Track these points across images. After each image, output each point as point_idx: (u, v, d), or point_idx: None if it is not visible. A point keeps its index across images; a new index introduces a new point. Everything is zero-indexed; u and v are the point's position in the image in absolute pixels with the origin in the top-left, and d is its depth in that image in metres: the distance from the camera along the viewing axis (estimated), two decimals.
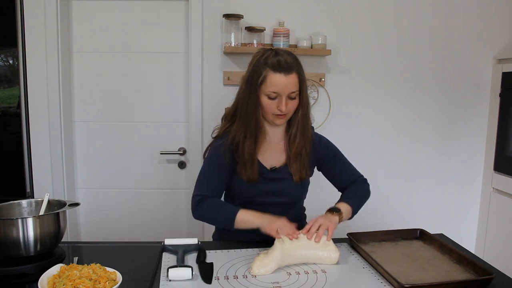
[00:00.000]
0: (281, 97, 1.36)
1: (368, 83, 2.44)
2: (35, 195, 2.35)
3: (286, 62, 1.35)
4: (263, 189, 1.47)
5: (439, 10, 2.42)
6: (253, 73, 1.39)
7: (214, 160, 1.46)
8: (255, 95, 1.38)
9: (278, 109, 1.37)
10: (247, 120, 1.41)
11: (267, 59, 1.36)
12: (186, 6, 2.35)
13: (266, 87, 1.36)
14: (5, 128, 2.42)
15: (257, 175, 1.44)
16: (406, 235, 1.50)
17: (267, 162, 1.48)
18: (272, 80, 1.35)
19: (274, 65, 1.34)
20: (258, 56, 1.40)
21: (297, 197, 1.55)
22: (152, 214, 2.51)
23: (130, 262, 1.33)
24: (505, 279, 1.23)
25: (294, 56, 1.40)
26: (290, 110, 1.40)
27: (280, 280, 1.20)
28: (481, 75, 2.50)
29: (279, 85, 1.35)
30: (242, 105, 1.42)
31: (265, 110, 1.40)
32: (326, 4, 2.35)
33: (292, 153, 1.47)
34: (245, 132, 1.41)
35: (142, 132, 2.46)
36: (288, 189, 1.49)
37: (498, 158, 2.43)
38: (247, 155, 1.42)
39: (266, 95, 1.37)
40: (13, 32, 2.25)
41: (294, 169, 1.47)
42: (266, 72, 1.35)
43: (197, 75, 2.34)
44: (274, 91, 1.36)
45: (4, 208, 1.37)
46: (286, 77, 1.34)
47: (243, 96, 1.42)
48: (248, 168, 1.43)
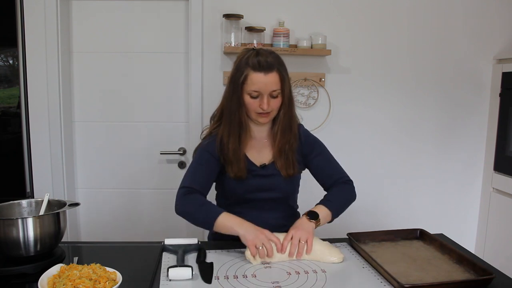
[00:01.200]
0: (263, 95, 1.40)
1: (368, 83, 2.44)
2: (35, 195, 2.35)
3: (266, 61, 1.38)
4: (254, 186, 1.49)
5: (439, 10, 2.42)
6: (235, 72, 1.43)
7: (202, 156, 1.48)
8: (237, 94, 1.42)
9: (261, 108, 1.40)
10: (231, 119, 1.44)
11: (248, 59, 1.40)
12: (186, 6, 2.35)
13: (247, 86, 1.40)
14: (5, 128, 2.42)
15: (244, 172, 1.46)
16: (406, 235, 1.50)
17: (256, 159, 1.51)
18: (252, 79, 1.38)
19: (255, 65, 1.38)
20: (241, 56, 1.44)
21: (289, 192, 1.56)
22: (152, 214, 2.51)
23: (130, 262, 1.33)
24: (505, 279, 1.23)
25: (275, 55, 1.43)
26: (273, 108, 1.43)
27: (280, 280, 1.20)
28: (481, 75, 2.50)
29: (260, 84, 1.38)
30: (227, 104, 1.46)
31: (248, 109, 1.43)
32: (326, 4, 2.36)
33: (275, 150, 1.50)
34: (229, 130, 1.45)
35: (142, 132, 2.46)
36: (278, 184, 1.51)
37: (498, 158, 2.43)
38: (231, 152, 1.45)
39: (248, 94, 1.41)
40: (13, 32, 2.25)
41: (280, 165, 1.49)
42: (247, 71, 1.39)
43: (197, 75, 2.34)
44: (255, 90, 1.39)
45: (4, 208, 1.37)
46: (266, 76, 1.37)
47: (227, 95, 1.46)
48: (234, 165, 1.45)
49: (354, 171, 2.43)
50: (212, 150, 1.47)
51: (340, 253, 1.34)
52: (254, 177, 1.49)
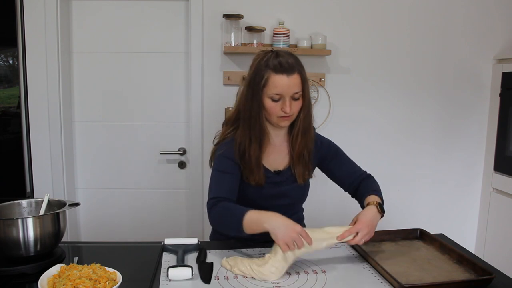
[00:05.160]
0: (285, 98, 1.34)
1: (368, 83, 2.44)
2: (35, 195, 2.35)
3: (288, 62, 1.33)
4: (268, 193, 1.45)
5: (439, 10, 2.42)
6: (254, 76, 1.36)
7: (223, 163, 1.41)
8: (258, 98, 1.36)
9: (283, 111, 1.35)
10: (251, 124, 1.38)
11: (268, 61, 1.34)
12: (186, 6, 2.35)
13: (269, 89, 1.34)
14: (5, 128, 2.42)
15: (264, 179, 1.42)
16: (406, 235, 1.50)
17: (270, 165, 1.46)
18: (274, 82, 1.33)
19: (276, 67, 1.32)
20: (258, 58, 1.38)
21: (300, 198, 1.54)
22: (152, 214, 2.51)
23: (130, 262, 1.33)
24: (505, 279, 1.23)
25: (295, 56, 1.39)
26: (295, 111, 1.38)
27: (280, 280, 1.20)
28: (481, 75, 2.50)
29: (282, 87, 1.33)
30: (245, 109, 1.39)
31: (269, 113, 1.37)
32: (326, 4, 2.36)
33: (295, 154, 1.45)
34: (250, 136, 1.39)
35: (142, 132, 2.46)
36: (291, 191, 1.48)
37: (498, 158, 2.43)
38: (254, 159, 1.39)
39: (270, 98, 1.35)
40: (13, 32, 2.25)
41: (298, 171, 1.46)
42: (268, 74, 1.33)
43: (197, 75, 2.34)
44: (277, 92, 1.33)
45: (4, 208, 1.37)
46: (288, 78, 1.32)
47: (245, 99, 1.39)
48: (256, 173, 1.40)
49: None
50: (232, 156, 1.41)
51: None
52: (270, 185, 1.45)
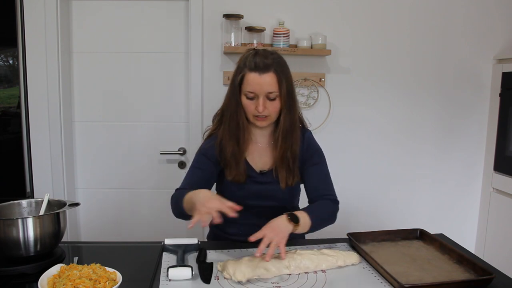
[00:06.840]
0: (258, 97, 1.37)
1: (368, 83, 2.44)
2: (35, 195, 2.35)
3: (263, 62, 1.35)
4: (252, 191, 1.47)
5: (439, 10, 2.42)
6: (235, 74, 1.42)
7: (198, 160, 1.48)
8: (236, 95, 1.40)
9: (256, 110, 1.38)
10: (230, 121, 1.43)
11: (246, 59, 1.38)
12: (186, 6, 2.35)
13: (244, 86, 1.38)
14: (5, 128, 2.42)
15: (244, 176, 1.44)
16: (406, 235, 1.50)
17: (256, 164, 1.48)
18: (248, 80, 1.36)
19: (251, 65, 1.36)
20: (242, 57, 1.42)
21: (288, 200, 1.52)
22: (152, 214, 2.51)
23: (130, 262, 1.33)
24: (505, 279, 1.23)
25: (276, 56, 1.40)
26: (271, 111, 1.39)
27: (280, 280, 1.20)
28: (481, 75, 2.50)
29: (255, 85, 1.35)
30: (226, 105, 1.45)
31: (246, 111, 1.41)
32: (326, 4, 2.36)
33: (277, 156, 1.45)
34: (228, 132, 1.43)
35: (142, 132, 2.46)
36: (275, 193, 1.47)
37: (498, 158, 2.43)
38: (230, 155, 1.43)
39: (245, 95, 1.39)
40: (13, 32, 2.25)
41: (281, 175, 1.45)
42: (244, 72, 1.37)
43: (197, 75, 2.34)
44: (250, 90, 1.37)
45: (4, 208, 1.37)
46: (261, 76, 1.34)
47: (227, 97, 1.45)
48: (233, 168, 1.44)
49: (354, 171, 2.45)
50: (209, 153, 1.46)
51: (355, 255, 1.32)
52: (253, 183, 1.46)
